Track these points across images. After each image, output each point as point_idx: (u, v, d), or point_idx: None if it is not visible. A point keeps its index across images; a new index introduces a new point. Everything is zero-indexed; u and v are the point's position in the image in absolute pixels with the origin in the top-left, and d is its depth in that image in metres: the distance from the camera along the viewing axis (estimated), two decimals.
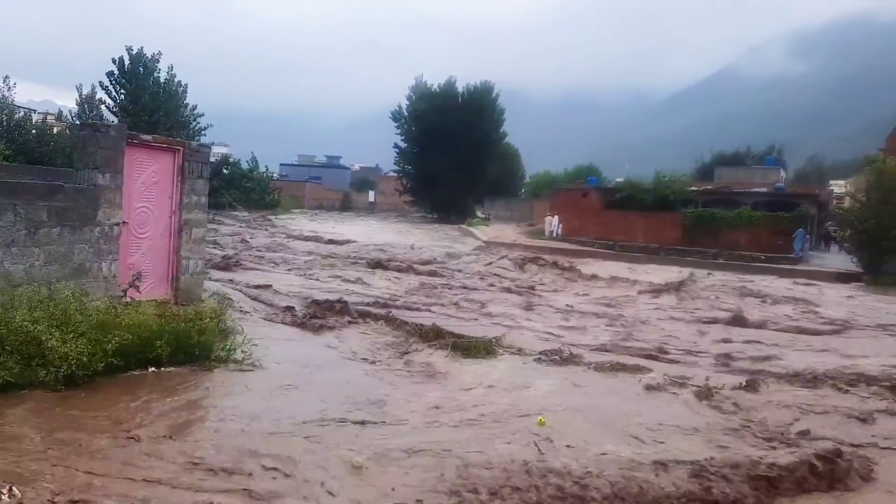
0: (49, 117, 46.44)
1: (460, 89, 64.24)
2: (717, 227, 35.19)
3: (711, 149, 77.79)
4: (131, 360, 7.46)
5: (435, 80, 65.99)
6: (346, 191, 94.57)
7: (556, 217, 41.54)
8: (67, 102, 42.85)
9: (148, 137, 10.76)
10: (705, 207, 37.21)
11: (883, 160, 29.14)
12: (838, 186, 65.97)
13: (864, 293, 23.14)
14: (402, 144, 66.22)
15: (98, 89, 39.61)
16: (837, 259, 34.28)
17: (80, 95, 39.41)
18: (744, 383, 8.62)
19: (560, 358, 9.62)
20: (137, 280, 9.34)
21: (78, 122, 34.23)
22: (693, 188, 41.13)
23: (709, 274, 26.18)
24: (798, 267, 30.16)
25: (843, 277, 27.29)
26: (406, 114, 65.32)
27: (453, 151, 59.24)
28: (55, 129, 35.83)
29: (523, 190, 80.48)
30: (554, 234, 40.77)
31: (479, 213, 65.12)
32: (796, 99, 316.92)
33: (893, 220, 26.66)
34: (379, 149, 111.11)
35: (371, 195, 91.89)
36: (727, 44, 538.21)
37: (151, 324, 7.85)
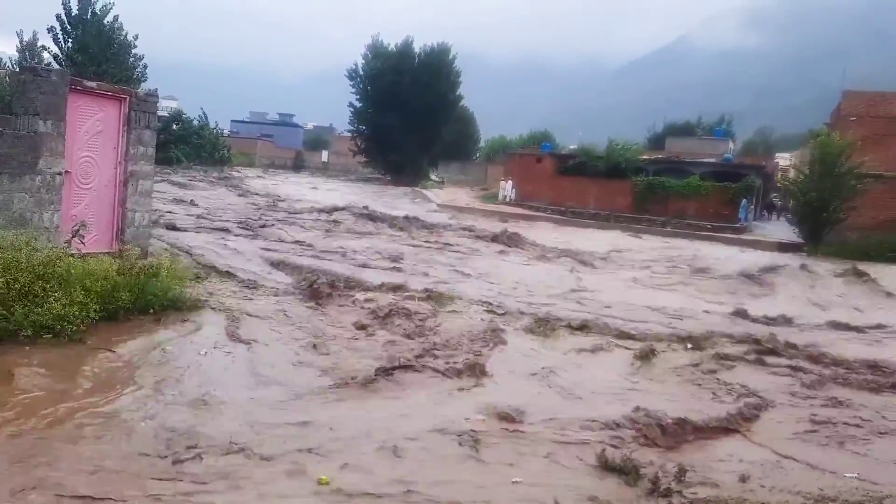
0: None
1: (417, 50, 63.12)
2: (667, 195, 35.77)
3: (664, 119, 78.79)
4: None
5: (392, 40, 64.87)
6: (299, 149, 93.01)
7: (511, 182, 41.71)
8: (7, 49, 41.04)
9: (92, 84, 10.45)
10: (656, 176, 37.73)
11: (826, 134, 29.85)
12: (784, 159, 67.53)
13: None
14: (357, 104, 65.05)
15: (40, 36, 37.94)
16: (780, 229, 35.20)
17: (21, 42, 37.81)
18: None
19: None
20: (82, 229, 9.07)
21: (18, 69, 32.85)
22: (644, 157, 41.62)
23: None
24: (742, 236, 30.92)
25: (785, 247, 28.05)
26: (362, 73, 64.15)
27: (409, 112, 58.53)
28: None
29: (478, 154, 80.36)
30: (507, 199, 40.97)
31: (433, 177, 64.81)
32: (749, 70, 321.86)
33: (834, 192, 27.41)
34: (333, 108, 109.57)
35: (324, 155, 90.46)
36: (682, 14, 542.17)
37: (113, 276, 7.94)
